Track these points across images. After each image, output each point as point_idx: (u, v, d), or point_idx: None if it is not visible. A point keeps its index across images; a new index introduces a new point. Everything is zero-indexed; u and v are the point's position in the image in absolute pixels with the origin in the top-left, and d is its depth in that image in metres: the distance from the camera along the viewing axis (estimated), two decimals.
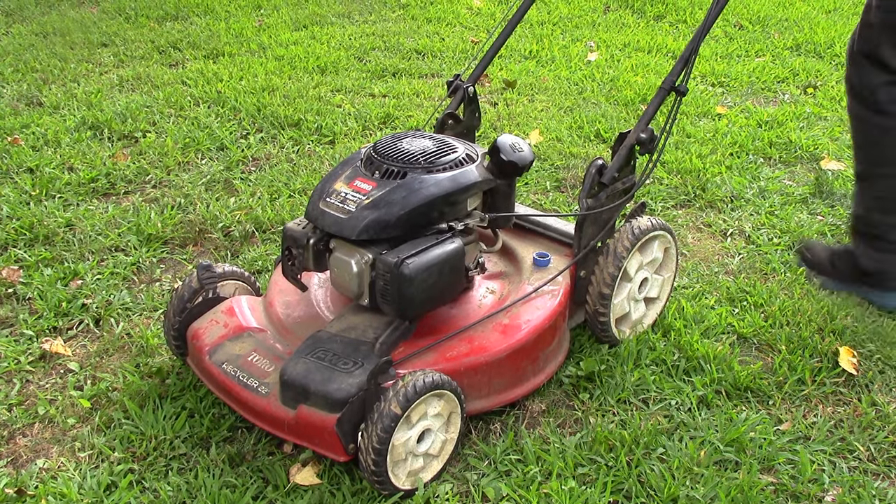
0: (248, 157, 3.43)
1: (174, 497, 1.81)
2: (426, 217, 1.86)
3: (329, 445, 1.73)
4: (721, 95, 4.25)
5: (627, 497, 1.83)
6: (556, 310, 2.05)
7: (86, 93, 4.11)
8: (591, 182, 2.07)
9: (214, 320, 2.01)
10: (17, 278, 2.57)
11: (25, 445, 1.97)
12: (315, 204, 1.89)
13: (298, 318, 2.02)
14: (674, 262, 2.34)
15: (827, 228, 2.93)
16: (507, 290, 2.12)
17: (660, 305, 2.37)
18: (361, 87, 4.29)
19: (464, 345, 1.91)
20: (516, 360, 1.95)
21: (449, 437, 1.85)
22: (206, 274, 2.07)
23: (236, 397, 1.86)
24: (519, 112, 3.91)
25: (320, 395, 1.72)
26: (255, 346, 1.93)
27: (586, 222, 2.09)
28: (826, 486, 1.86)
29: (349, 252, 1.85)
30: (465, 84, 2.46)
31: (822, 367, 2.22)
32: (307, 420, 1.73)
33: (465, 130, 2.46)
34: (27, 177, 3.21)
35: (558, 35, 5.24)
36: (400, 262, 1.76)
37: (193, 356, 2.01)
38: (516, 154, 1.95)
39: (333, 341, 1.84)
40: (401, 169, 1.87)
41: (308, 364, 1.77)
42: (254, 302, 2.09)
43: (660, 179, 3.25)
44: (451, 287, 1.92)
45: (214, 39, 5.06)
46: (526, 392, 2.02)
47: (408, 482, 1.80)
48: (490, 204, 2.03)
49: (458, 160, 1.93)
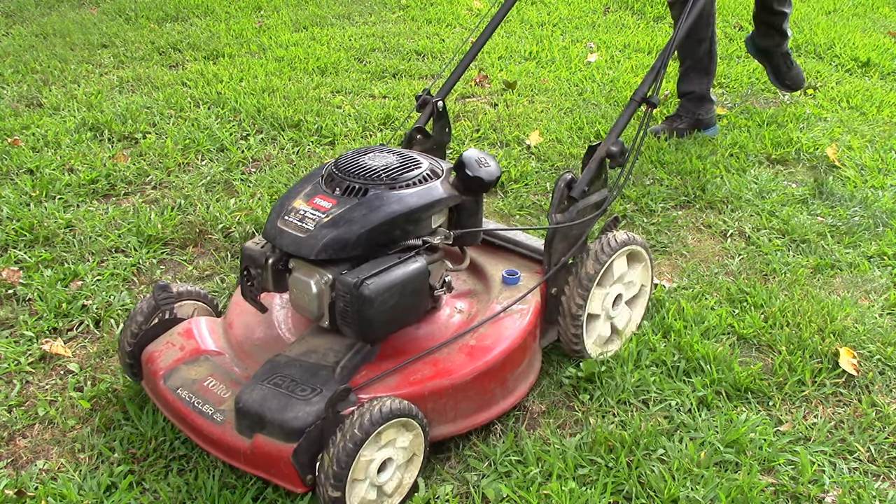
0: (249, 159, 3.43)
1: (174, 498, 1.80)
2: (388, 235, 1.80)
3: (285, 476, 1.65)
4: (721, 96, 4.25)
5: (627, 498, 1.83)
6: (526, 329, 1.98)
7: (86, 94, 4.11)
8: (560, 196, 2.01)
9: (171, 343, 1.94)
10: (17, 279, 2.57)
11: (25, 446, 1.97)
12: (273, 222, 1.83)
13: (258, 340, 1.96)
14: (643, 254, 2.24)
15: (827, 229, 2.93)
16: (476, 310, 2.05)
17: (645, 294, 2.31)
18: (361, 88, 4.30)
19: (428, 368, 1.84)
20: (483, 382, 1.88)
21: (406, 477, 1.79)
22: (163, 294, 1.99)
23: (191, 424, 1.78)
24: (519, 113, 3.91)
25: (276, 423, 1.64)
26: (211, 370, 1.85)
27: (556, 238, 2.03)
28: (826, 487, 1.86)
29: (308, 272, 1.78)
30: (433, 98, 2.41)
31: (822, 367, 2.22)
32: (263, 450, 1.66)
33: (434, 146, 2.41)
34: (27, 178, 3.21)
35: (558, 36, 5.24)
36: (360, 283, 1.70)
37: (148, 380, 1.93)
38: (482, 169, 1.89)
39: (292, 366, 1.77)
40: (362, 185, 1.82)
41: (264, 391, 1.70)
42: (213, 323, 2.01)
43: (660, 180, 3.25)
44: (415, 308, 1.85)
45: (214, 41, 5.06)
46: (495, 415, 1.94)
47: (395, 498, 1.76)
48: (456, 220, 1.96)
49: (421, 176, 1.87)
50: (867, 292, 2.59)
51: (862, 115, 4.00)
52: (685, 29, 2.24)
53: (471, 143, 3.62)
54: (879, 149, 3.58)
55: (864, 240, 2.88)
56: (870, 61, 4.75)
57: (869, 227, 2.95)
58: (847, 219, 3.00)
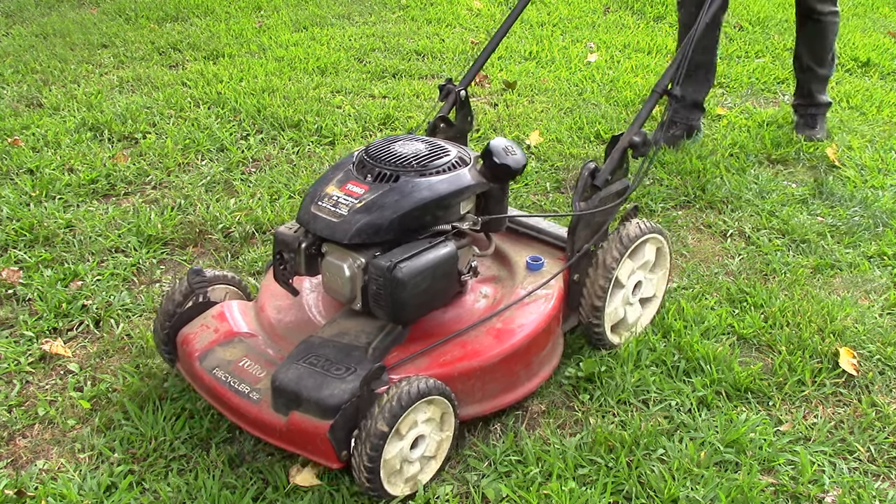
0: (249, 158, 3.43)
1: (174, 498, 1.80)
2: (419, 221, 1.84)
3: (322, 452, 1.70)
4: (721, 96, 4.25)
5: (627, 498, 1.83)
6: (550, 314, 2.04)
7: (86, 94, 4.11)
8: (583, 185, 2.06)
9: (205, 325, 1.99)
10: (17, 279, 2.57)
11: (25, 446, 1.97)
12: (307, 208, 1.87)
13: (290, 322, 2.00)
14: (667, 259, 2.33)
15: (827, 229, 2.93)
16: (501, 295, 2.11)
17: (656, 303, 2.37)
18: (361, 88, 4.30)
19: (457, 349, 1.90)
20: (510, 364, 1.94)
21: (444, 436, 1.85)
22: (197, 278, 2.04)
23: (227, 403, 1.83)
24: (519, 113, 3.91)
25: (312, 401, 1.70)
26: (246, 351, 1.90)
27: (579, 225, 2.09)
28: (826, 486, 1.86)
29: (341, 256, 1.83)
30: (456, 88, 2.46)
31: (822, 367, 2.22)
32: (299, 427, 1.71)
33: (457, 134, 2.46)
34: (27, 178, 3.21)
35: (558, 36, 5.24)
36: (393, 266, 1.75)
37: (183, 362, 1.98)
38: (509, 157, 1.94)
39: (326, 346, 1.82)
40: (393, 172, 1.86)
41: (300, 370, 1.75)
42: (245, 307, 2.06)
43: (660, 180, 3.25)
44: (445, 291, 1.91)
45: (214, 41, 5.06)
46: (520, 397, 2.00)
47: (407, 487, 1.79)
48: (483, 207, 2.01)
49: (450, 163, 1.92)
50: (867, 292, 2.59)
51: (862, 115, 4.00)
52: (710, 14, 2.27)
53: (471, 142, 3.61)
54: (879, 149, 3.58)
55: (864, 240, 2.88)
56: (870, 61, 4.75)
57: (869, 227, 2.95)
58: (847, 219, 3.00)
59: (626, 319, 2.28)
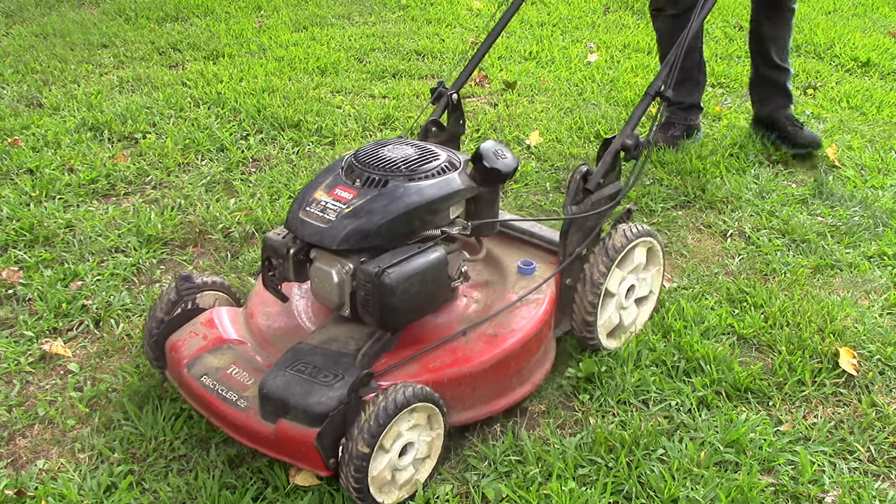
0: (248, 159, 3.43)
1: (174, 498, 1.81)
2: (408, 226, 1.83)
3: (309, 460, 1.69)
4: (721, 96, 4.25)
5: (627, 498, 1.83)
6: (542, 319, 2.01)
7: (86, 94, 4.11)
8: (575, 188, 2.05)
9: (193, 332, 1.97)
10: (17, 279, 2.57)
11: (25, 446, 1.97)
12: (295, 213, 1.86)
13: (279, 329, 1.99)
14: (660, 256, 2.30)
15: (827, 229, 2.93)
16: (492, 299, 2.09)
17: (653, 299, 2.35)
18: (361, 88, 4.30)
19: (447, 355, 1.88)
20: (501, 370, 1.92)
21: (435, 434, 1.82)
22: (185, 285, 2.03)
23: (215, 411, 1.81)
24: (519, 113, 3.91)
25: (300, 408, 1.68)
26: (234, 358, 1.89)
27: (571, 229, 2.07)
28: (826, 487, 1.86)
29: (330, 262, 1.82)
30: (448, 91, 2.44)
31: (822, 367, 2.22)
32: (287, 434, 1.69)
33: (449, 138, 2.44)
34: (27, 178, 3.21)
35: (558, 36, 5.24)
36: (381, 272, 1.73)
37: (172, 369, 1.96)
38: (500, 161, 1.92)
39: (314, 353, 1.81)
40: (382, 177, 1.84)
41: (288, 377, 1.74)
42: (234, 313, 2.05)
43: (660, 180, 3.25)
44: (434, 297, 1.88)
45: (214, 41, 5.06)
46: (511, 403, 1.98)
47: (403, 492, 1.78)
48: (473, 211, 1.99)
49: (440, 168, 1.90)
50: (867, 292, 2.59)
51: (862, 115, 4.00)
52: (700, 20, 2.27)
53: (471, 143, 3.62)
54: (879, 149, 3.58)
55: (864, 240, 2.88)
56: (870, 61, 4.75)
57: (869, 227, 2.95)
58: (847, 219, 3.00)
59: (623, 323, 2.27)
